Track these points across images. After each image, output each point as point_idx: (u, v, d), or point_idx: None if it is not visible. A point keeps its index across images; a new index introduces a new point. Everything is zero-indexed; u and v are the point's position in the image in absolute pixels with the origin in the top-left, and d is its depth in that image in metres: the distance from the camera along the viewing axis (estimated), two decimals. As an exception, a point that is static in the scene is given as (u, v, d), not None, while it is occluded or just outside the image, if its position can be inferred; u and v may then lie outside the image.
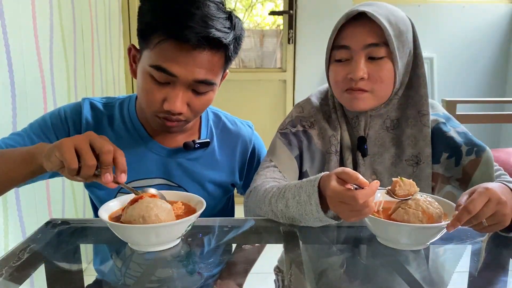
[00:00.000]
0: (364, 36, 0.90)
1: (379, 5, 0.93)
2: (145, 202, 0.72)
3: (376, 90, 0.92)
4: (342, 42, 0.93)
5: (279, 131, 1.05)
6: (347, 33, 0.92)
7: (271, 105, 2.92)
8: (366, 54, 0.91)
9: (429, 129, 0.96)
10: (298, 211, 0.78)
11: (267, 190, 0.88)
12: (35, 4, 1.41)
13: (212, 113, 1.10)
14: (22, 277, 0.64)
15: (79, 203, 1.82)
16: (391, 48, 0.90)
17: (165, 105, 0.87)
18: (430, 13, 2.76)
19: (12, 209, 1.27)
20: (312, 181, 0.77)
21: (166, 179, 1.01)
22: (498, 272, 0.72)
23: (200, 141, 1.01)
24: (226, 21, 0.86)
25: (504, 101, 2.75)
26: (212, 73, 0.88)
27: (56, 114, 0.98)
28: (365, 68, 0.90)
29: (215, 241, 0.81)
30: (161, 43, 0.83)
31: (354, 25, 0.91)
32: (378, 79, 0.91)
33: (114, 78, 2.36)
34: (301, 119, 1.04)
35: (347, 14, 0.91)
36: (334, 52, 0.95)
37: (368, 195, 0.68)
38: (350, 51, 0.92)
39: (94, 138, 0.71)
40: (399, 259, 0.73)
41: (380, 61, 0.91)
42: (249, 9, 3.11)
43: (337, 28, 0.93)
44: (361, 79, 0.90)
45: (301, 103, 1.08)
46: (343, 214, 0.71)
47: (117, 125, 1.00)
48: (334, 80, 0.96)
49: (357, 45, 0.90)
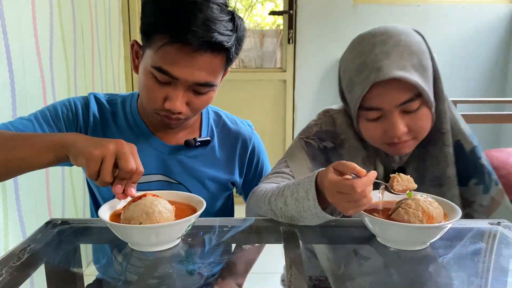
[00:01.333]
0: (396, 96, 0.83)
1: (397, 49, 0.83)
2: (149, 199, 0.72)
3: (418, 136, 0.88)
4: (371, 103, 0.85)
5: (304, 138, 0.99)
6: (375, 95, 0.84)
7: (271, 105, 2.92)
8: (401, 110, 0.85)
9: (450, 148, 0.91)
10: (297, 208, 0.78)
11: (267, 190, 0.88)
12: (35, 4, 1.41)
13: (213, 112, 1.11)
14: (22, 277, 0.64)
15: (79, 203, 1.82)
16: (425, 97, 0.84)
17: (166, 104, 0.88)
18: (430, 13, 2.76)
19: (12, 209, 1.27)
20: (309, 177, 0.78)
21: (167, 176, 1.02)
22: (498, 272, 0.72)
23: (201, 139, 1.03)
24: (229, 23, 0.87)
25: (504, 101, 2.75)
26: (213, 76, 0.89)
27: (66, 104, 0.99)
28: (403, 123, 0.85)
29: (215, 241, 0.81)
30: (163, 47, 0.84)
31: (381, 85, 0.82)
32: (418, 129, 0.87)
33: (114, 78, 2.36)
34: (332, 135, 0.98)
35: (371, 79, 0.81)
36: (362, 112, 0.87)
37: (365, 184, 0.68)
38: (382, 111, 0.85)
39: (121, 153, 0.72)
40: (399, 259, 0.73)
41: (416, 111, 0.85)
42: (249, 9, 3.11)
43: (363, 93, 0.83)
44: (402, 134, 0.85)
45: (332, 112, 1.01)
46: (341, 205, 0.71)
47: (120, 121, 1.02)
48: (371, 137, 0.90)
49: (390, 105, 0.84)
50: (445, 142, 0.91)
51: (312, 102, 2.83)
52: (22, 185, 1.32)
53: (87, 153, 0.72)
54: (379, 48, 0.84)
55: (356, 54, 0.87)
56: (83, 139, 0.77)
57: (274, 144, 2.91)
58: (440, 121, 0.91)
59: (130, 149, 0.74)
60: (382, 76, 0.80)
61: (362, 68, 0.84)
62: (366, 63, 0.84)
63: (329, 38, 2.75)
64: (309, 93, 2.83)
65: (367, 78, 0.82)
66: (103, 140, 0.74)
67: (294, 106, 2.86)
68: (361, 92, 0.84)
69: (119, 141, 0.74)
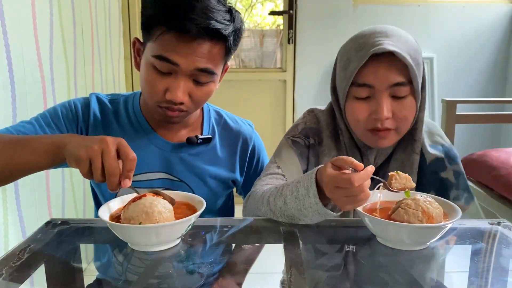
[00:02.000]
0: (389, 75, 0.85)
1: (396, 36, 0.87)
2: (149, 199, 0.72)
3: (400, 127, 0.89)
4: (364, 80, 0.87)
5: (290, 137, 1.01)
6: (370, 71, 0.86)
7: (271, 105, 2.92)
8: (390, 93, 0.86)
9: (417, 156, 0.93)
10: (297, 206, 0.78)
11: (265, 191, 0.88)
12: (35, 4, 1.41)
13: (214, 111, 1.12)
14: (22, 277, 0.64)
15: (79, 203, 1.82)
16: (415, 86, 0.86)
17: (167, 94, 0.90)
18: (430, 13, 2.76)
19: (12, 209, 1.27)
20: (309, 174, 0.78)
21: (168, 174, 1.03)
22: (498, 272, 0.72)
23: (202, 137, 1.04)
24: (226, 14, 0.90)
25: (504, 101, 2.75)
26: (212, 63, 0.91)
27: (66, 105, 1.01)
28: (389, 107, 0.86)
29: (215, 241, 0.81)
30: (163, 35, 0.87)
31: (377, 62, 0.85)
32: (402, 118, 0.88)
33: (114, 78, 2.36)
34: (315, 132, 1.00)
35: (370, 50, 0.84)
36: (353, 88, 0.89)
37: (363, 178, 0.69)
38: (373, 90, 0.87)
39: (104, 152, 0.72)
40: (399, 259, 0.73)
41: (404, 99, 0.87)
42: (249, 9, 3.11)
43: (359, 65, 0.85)
44: (386, 119, 0.87)
45: (316, 111, 1.04)
46: (339, 200, 0.72)
47: (122, 120, 1.03)
48: (355, 119, 0.91)
49: (382, 84, 0.85)
50: (415, 150, 0.93)
51: (312, 102, 2.82)
52: (22, 185, 1.32)
53: (75, 156, 0.73)
54: (380, 33, 0.87)
55: (356, 38, 0.90)
56: (75, 140, 0.77)
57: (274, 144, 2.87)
58: (415, 128, 0.93)
59: (116, 143, 0.74)
60: (382, 49, 0.83)
61: (361, 46, 0.87)
62: (366, 41, 0.86)
63: (329, 38, 2.75)
64: (309, 93, 2.83)
65: (366, 52, 0.85)
66: (90, 140, 0.74)
67: (294, 106, 2.86)
68: (357, 64, 0.85)
69: (103, 139, 0.73)
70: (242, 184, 1.15)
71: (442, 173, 0.94)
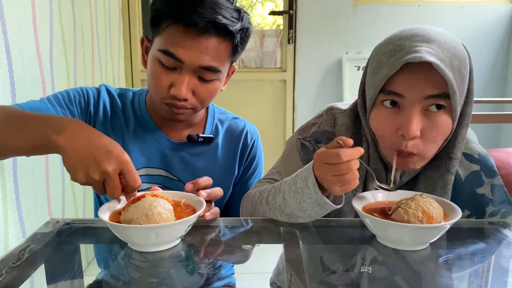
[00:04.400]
0: (423, 87, 0.74)
1: (439, 42, 0.75)
2: (148, 200, 0.72)
3: (426, 152, 0.78)
4: (395, 87, 0.75)
5: (301, 139, 0.93)
6: (402, 79, 0.75)
7: (271, 105, 2.92)
8: (423, 106, 0.75)
9: (453, 176, 0.82)
10: (296, 200, 0.78)
11: (263, 191, 0.88)
12: (35, 4, 1.41)
13: (219, 111, 1.12)
14: (22, 277, 0.64)
15: (79, 203, 1.82)
16: (453, 103, 0.75)
17: (171, 90, 0.90)
18: (430, 13, 2.76)
19: (12, 209, 1.27)
20: (306, 166, 0.78)
21: (167, 171, 1.03)
22: (498, 272, 0.72)
23: (203, 136, 1.04)
24: (234, 12, 0.91)
25: (504, 101, 2.74)
26: (218, 61, 0.91)
27: (79, 90, 1.01)
28: (419, 124, 0.75)
29: (215, 241, 0.81)
30: (169, 27, 0.88)
31: (412, 70, 0.74)
32: (430, 139, 0.77)
33: (114, 78, 2.36)
34: (328, 136, 0.91)
35: (404, 58, 0.72)
36: (381, 95, 0.78)
37: (351, 154, 0.69)
38: (403, 100, 0.76)
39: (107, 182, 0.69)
40: (399, 259, 0.73)
41: (437, 116, 0.76)
42: (249, 9, 3.11)
43: (389, 73, 0.74)
44: (413, 138, 0.76)
45: (336, 111, 0.93)
46: (327, 179, 0.72)
47: (127, 115, 1.03)
48: (379, 133, 0.81)
49: (414, 96, 0.74)
50: (450, 169, 0.82)
51: (312, 102, 2.82)
52: (22, 185, 1.32)
53: (73, 177, 0.69)
54: (421, 37, 0.75)
55: (393, 39, 0.78)
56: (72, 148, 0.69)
57: (274, 144, 2.91)
58: (454, 145, 0.82)
59: (120, 169, 0.69)
60: (418, 58, 0.71)
61: (397, 49, 0.75)
62: (402, 45, 0.75)
63: (329, 38, 2.75)
64: (309, 93, 2.83)
65: (400, 58, 0.73)
66: (89, 154, 0.68)
67: (294, 106, 2.86)
68: (388, 71, 0.74)
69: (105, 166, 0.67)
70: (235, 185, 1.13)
71: (479, 189, 0.84)
